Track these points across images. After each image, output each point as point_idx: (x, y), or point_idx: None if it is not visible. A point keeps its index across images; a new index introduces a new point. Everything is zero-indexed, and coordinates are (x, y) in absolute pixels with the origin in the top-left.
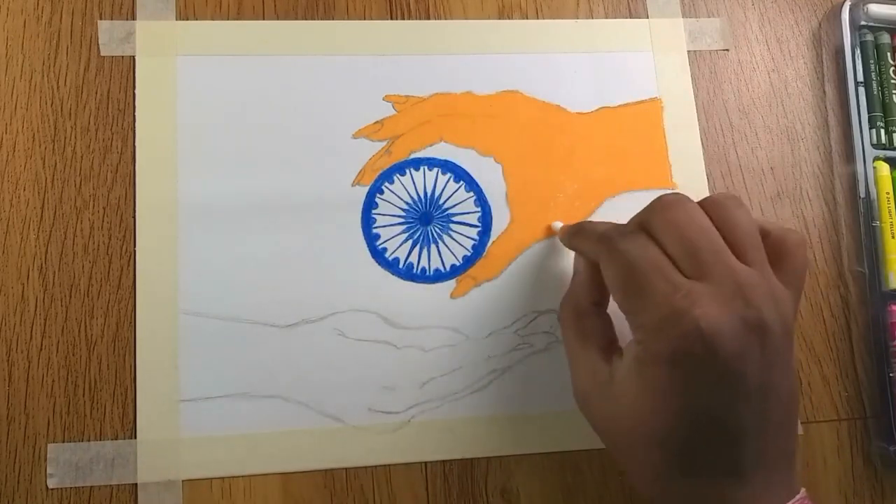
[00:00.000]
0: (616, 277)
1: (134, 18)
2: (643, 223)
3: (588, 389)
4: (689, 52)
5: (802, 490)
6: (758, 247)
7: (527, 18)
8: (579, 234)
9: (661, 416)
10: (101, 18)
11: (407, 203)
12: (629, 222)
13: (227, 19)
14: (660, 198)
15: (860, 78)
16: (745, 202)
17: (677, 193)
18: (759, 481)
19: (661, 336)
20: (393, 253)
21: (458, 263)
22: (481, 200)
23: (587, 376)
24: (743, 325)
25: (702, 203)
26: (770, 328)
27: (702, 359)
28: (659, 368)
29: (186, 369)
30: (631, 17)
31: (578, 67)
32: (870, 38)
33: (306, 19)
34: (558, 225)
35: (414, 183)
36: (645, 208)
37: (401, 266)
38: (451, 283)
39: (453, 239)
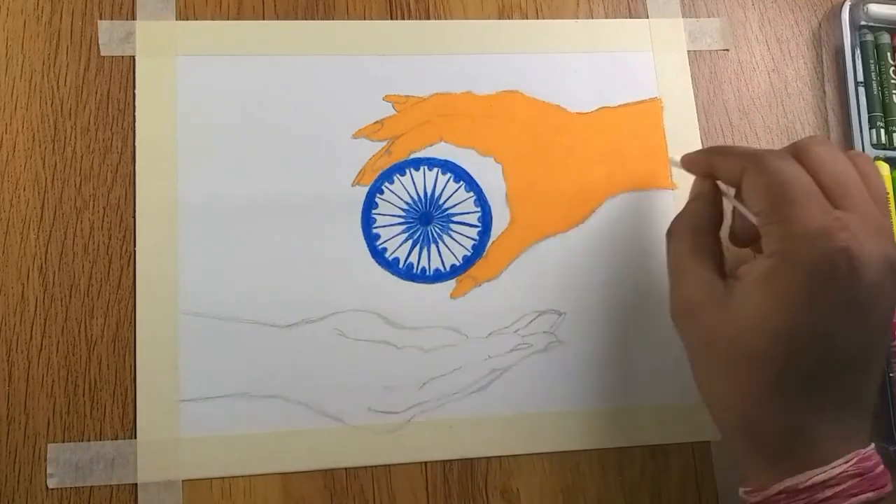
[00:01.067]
0: (768, 189)
1: (134, 18)
2: (794, 152)
3: (698, 300)
4: (689, 52)
5: (872, 444)
6: (887, 204)
7: (527, 18)
8: (721, 152)
9: (784, 330)
10: (101, 18)
11: (407, 203)
12: (780, 149)
13: (227, 19)
14: (809, 137)
15: (860, 78)
16: None
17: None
18: (850, 418)
19: (808, 246)
20: (393, 253)
21: (458, 263)
22: (481, 200)
23: (699, 287)
24: (885, 260)
25: (846, 153)
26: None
27: (843, 277)
28: (797, 279)
29: (186, 369)
30: (631, 17)
31: (578, 67)
32: (870, 38)
33: (306, 19)
34: (676, 158)
35: (414, 183)
36: (793, 143)
37: (401, 266)
38: (451, 283)
39: (453, 239)
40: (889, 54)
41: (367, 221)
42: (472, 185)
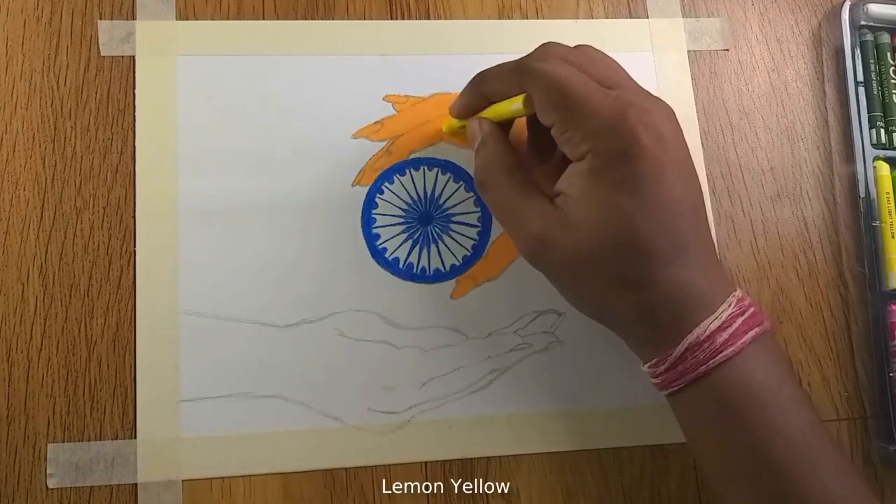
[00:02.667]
0: (550, 96)
1: (134, 18)
2: (551, 54)
3: (545, 233)
4: (689, 52)
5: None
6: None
7: (527, 18)
8: (485, 80)
9: (625, 214)
10: (101, 18)
11: (407, 203)
12: (532, 54)
13: (227, 19)
14: (548, 42)
15: (860, 78)
16: (744, 201)
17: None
18: (711, 263)
19: (611, 134)
20: (393, 253)
21: (458, 263)
22: (481, 201)
23: (540, 221)
24: (666, 113)
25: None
26: (677, 119)
27: (652, 145)
28: (615, 166)
29: (186, 369)
30: (631, 17)
31: None
32: (870, 37)
33: (306, 19)
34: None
35: (414, 183)
36: (535, 49)
37: (401, 266)
38: (451, 283)
39: (453, 239)
40: (889, 54)
41: (367, 221)
42: (472, 185)
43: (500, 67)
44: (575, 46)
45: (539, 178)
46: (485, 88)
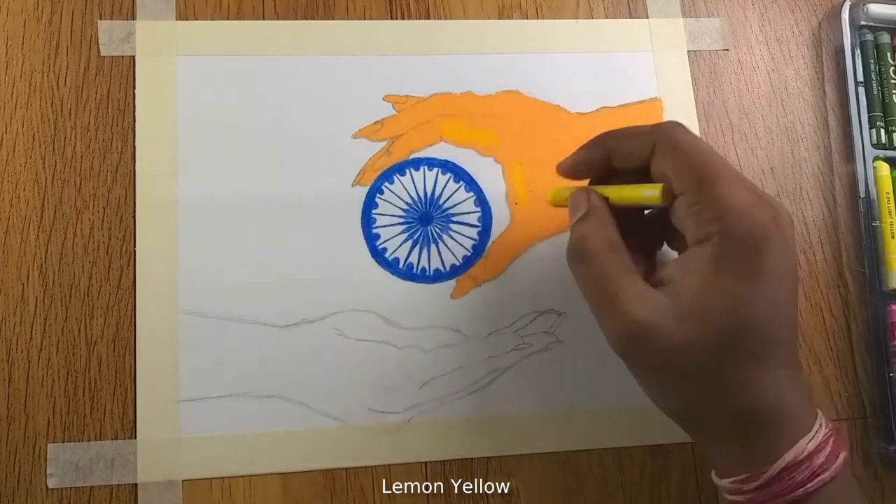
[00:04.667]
0: (690, 163)
1: (134, 18)
2: (687, 128)
3: (650, 320)
4: (689, 52)
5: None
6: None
7: (527, 18)
8: (614, 137)
9: (745, 305)
10: (101, 18)
11: (407, 203)
12: (667, 126)
13: (227, 19)
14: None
15: (860, 78)
16: None
17: None
18: (802, 380)
19: (747, 219)
20: (393, 253)
21: (458, 263)
22: (481, 200)
23: (645, 305)
24: (789, 215)
25: None
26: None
27: (780, 241)
28: (744, 253)
29: (186, 369)
30: (631, 17)
31: (578, 67)
32: (870, 37)
33: (306, 19)
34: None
35: (414, 183)
36: (668, 122)
37: (401, 266)
38: (451, 283)
39: (453, 239)
40: (889, 54)
41: (367, 221)
42: (472, 185)
43: (633, 127)
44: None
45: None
46: (611, 144)
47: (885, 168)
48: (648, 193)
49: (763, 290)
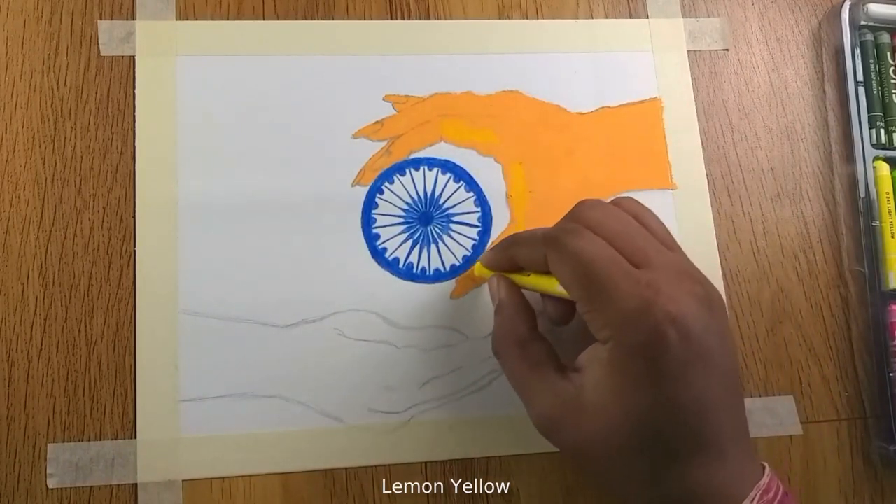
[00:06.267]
0: (575, 276)
1: (134, 18)
2: (584, 222)
3: (557, 414)
4: (689, 52)
5: (766, 466)
6: (671, 236)
7: (527, 18)
8: (516, 244)
9: (643, 411)
10: (101, 18)
11: (407, 203)
12: (565, 222)
13: (227, 19)
14: (584, 201)
15: (860, 78)
16: (745, 202)
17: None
18: (736, 457)
19: (634, 328)
20: (393, 253)
21: (458, 263)
22: (481, 200)
23: (551, 400)
24: (698, 303)
25: (615, 204)
26: (715, 300)
27: (677, 342)
28: (636, 361)
29: (186, 369)
30: (631, 17)
31: (578, 67)
32: (870, 37)
33: (306, 19)
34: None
35: (414, 183)
36: (571, 211)
37: (401, 266)
38: (451, 283)
39: (453, 239)
40: (889, 54)
41: (367, 221)
42: (472, 185)
43: (532, 234)
44: (613, 201)
45: (565, 337)
46: (514, 252)
47: (884, 168)
48: (560, 289)
49: (662, 396)
